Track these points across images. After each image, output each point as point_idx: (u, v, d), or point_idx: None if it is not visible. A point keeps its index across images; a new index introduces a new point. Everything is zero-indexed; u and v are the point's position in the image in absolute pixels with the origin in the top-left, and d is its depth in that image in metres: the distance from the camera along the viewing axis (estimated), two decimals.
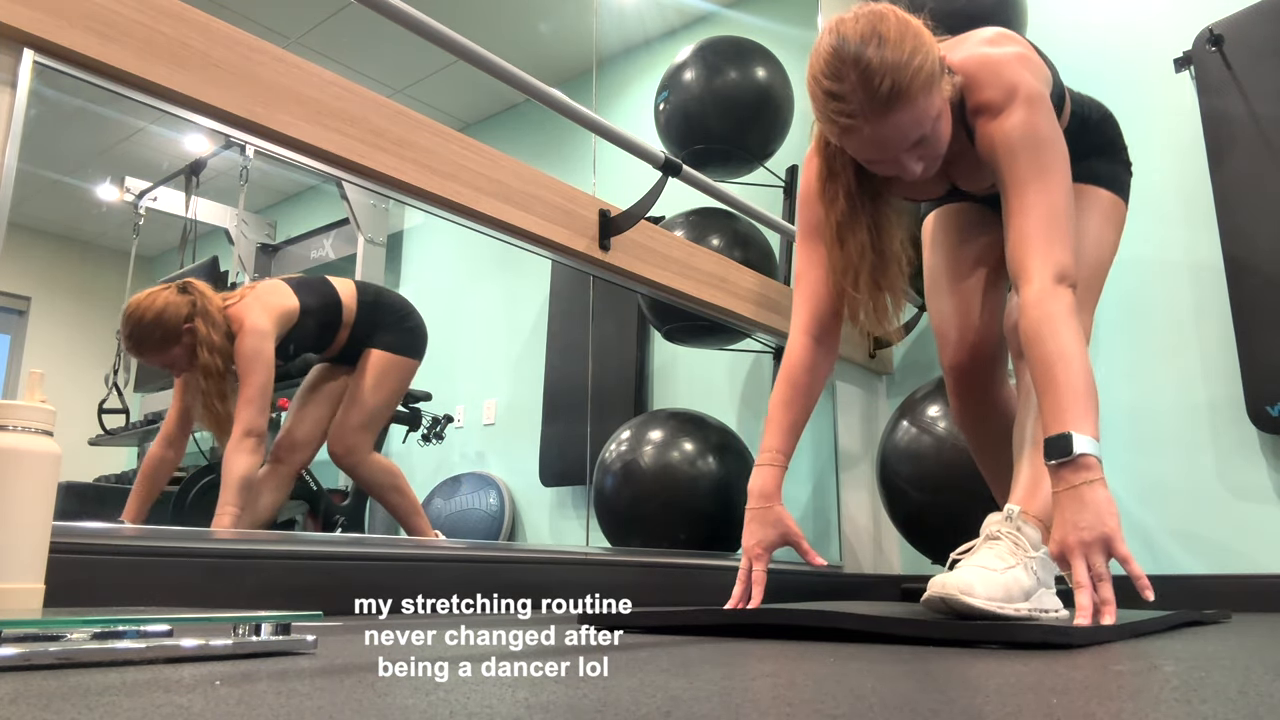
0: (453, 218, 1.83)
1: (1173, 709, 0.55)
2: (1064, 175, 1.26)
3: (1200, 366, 2.54)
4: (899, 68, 1.16)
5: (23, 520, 0.86)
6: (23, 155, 1.25)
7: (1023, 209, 1.23)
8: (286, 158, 1.57)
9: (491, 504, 3.97)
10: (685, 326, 2.93)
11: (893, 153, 1.23)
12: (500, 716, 0.52)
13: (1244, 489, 2.42)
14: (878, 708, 0.57)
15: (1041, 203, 1.22)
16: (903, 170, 1.26)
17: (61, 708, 0.51)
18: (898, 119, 1.18)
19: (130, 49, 1.32)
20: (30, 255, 4.89)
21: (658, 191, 2.11)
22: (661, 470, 2.61)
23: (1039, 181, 1.23)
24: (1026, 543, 1.13)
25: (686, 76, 3.04)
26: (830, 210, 1.37)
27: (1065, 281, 1.18)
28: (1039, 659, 0.86)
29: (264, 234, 4.80)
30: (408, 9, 1.54)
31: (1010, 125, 1.26)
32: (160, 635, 0.76)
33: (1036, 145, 1.24)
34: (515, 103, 4.44)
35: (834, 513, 2.95)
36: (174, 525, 2.46)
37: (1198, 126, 2.56)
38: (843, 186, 1.36)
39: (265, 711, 0.52)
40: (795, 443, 1.41)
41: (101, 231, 5.09)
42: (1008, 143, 1.25)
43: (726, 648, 1.02)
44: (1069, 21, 2.99)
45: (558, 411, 3.85)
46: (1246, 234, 2.41)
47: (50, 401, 0.91)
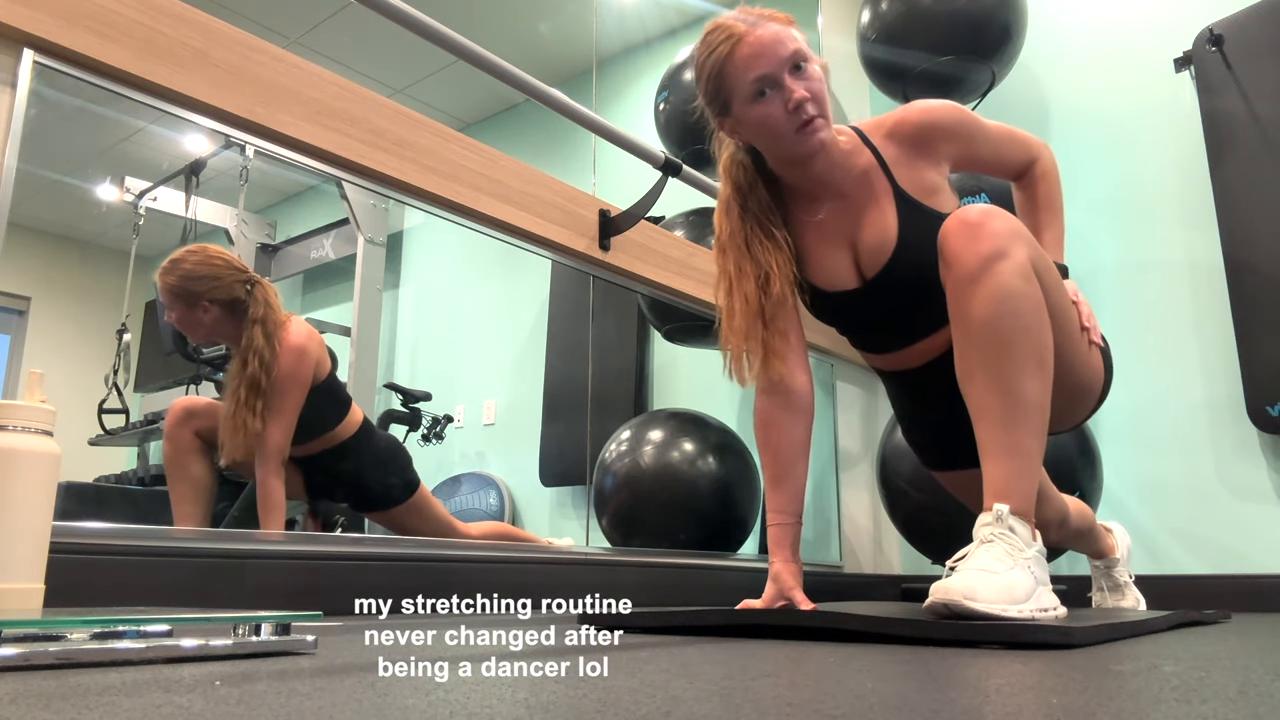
0: (453, 218, 1.83)
1: (1173, 709, 0.55)
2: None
3: (1200, 366, 2.54)
4: (772, 12, 1.34)
5: (23, 520, 0.86)
6: (23, 155, 1.25)
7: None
8: (286, 158, 1.57)
9: (491, 504, 3.98)
10: (685, 326, 2.93)
11: (775, 62, 1.29)
12: (500, 716, 0.52)
13: (1244, 489, 2.42)
14: (878, 708, 0.57)
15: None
16: (793, 96, 1.29)
17: (61, 708, 0.51)
18: (772, 27, 1.30)
19: (130, 49, 1.32)
20: (30, 255, 4.89)
21: (658, 191, 2.11)
22: (661, 470, 2.61)
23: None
24: (1020, 541, 1.13)
25: (686, 76, 3.04)
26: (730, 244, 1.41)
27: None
28: (1039, 659, 0.86)
29: (264, 234, 4.80)
30: (408, 9, 1.54)
31: (943, 107, 1.42)
32: (160, 635, 0.76)
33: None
34: (515, 103, 4.44)
35: (834, 513, 2.95)
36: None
37: (1198, 126, 2.56)
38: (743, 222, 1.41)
39: (265, 711, 0.52)
40: (791, 498, 1.39)
41: (101, 231, 5.10)
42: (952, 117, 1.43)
43: (726, 648, 1.02)
44: (1069, 21, 2.99)
45: (558, 411, 3.85)
46: (1246, 234, 2.41)
47: (50, 401, 0.91)
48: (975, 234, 1.20)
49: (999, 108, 2.91)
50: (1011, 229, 1.22)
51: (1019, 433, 1.18)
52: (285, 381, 2.08)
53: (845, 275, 1.42)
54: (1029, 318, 1.19)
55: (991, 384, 1.19)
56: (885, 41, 2.80)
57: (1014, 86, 2.94)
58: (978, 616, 1.03)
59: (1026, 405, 1.19)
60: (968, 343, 1.22)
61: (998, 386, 1.18)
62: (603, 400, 3.52)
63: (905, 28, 2.76)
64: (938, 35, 2.69)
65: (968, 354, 1.22)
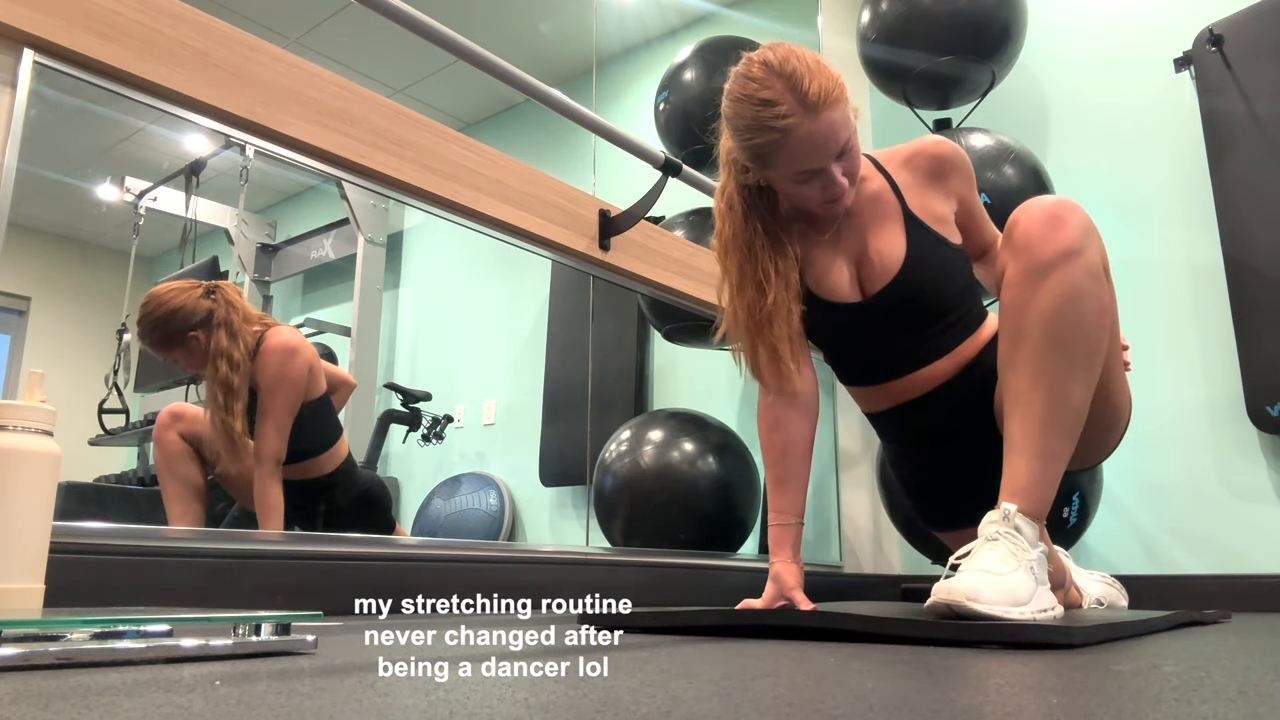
0: (453, 218, 1.83)
1: (1173, 709, 0.55)
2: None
3: (1200, 367, 2.54)
4: (820, 71, 1.24)
5: (23, 520, 0.86)
6: (23, 155, 1.25)
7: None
8: (286, 158, 1.57)
9: (491, 504, 3.97)
10: (685, 326, 2.93)
11: (826, 155, 1.26)
12: (500, 716, 0.52)
13: (1244, 489, 2.42)
14: (878, 708, 0.57)
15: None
16: (833, 185, 1.29)
17: (61, 708, 0.51)
18: (829, 116, 1.23)
19: (130, 49, 1.32)
20: (30, 255, 4.89)
21: (658, 191, 2.11)
22: (661, 470, 2.61)
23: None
24: (1025, 541, 1.12)
25: (686, 76, 3.04)
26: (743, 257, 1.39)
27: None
28: (1039, 659, 0.86)
29: (264, 234, 4.80)
30: (408, 9, 1.54)
31: (944, 146, 1.43)
32: (160, 635, 0.76)
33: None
34: (515, 103, 4.44)
35: (834, 513, 2.95)
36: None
37: (1198, 126, 2.56)
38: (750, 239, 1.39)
39: (265, 711, 0.52)
40: (794, 499, 1.39)
41: (101, 231, 5.09)
42: (953, 156, 1.43)
43: (726, 648, 1.02)
44: (1069, 21, 2.99)
45: (558, 411, 3.85)
46: (1246, 234, 2.41)
47: (50, 401, 0.91)
48: (1055, 224, 1.18)
49: (999, 108, 2.91)
50: (1089, 225, 1.20)
51: (1055, 435, 1.17)
52: (274, 380, 2.08)
53: (845, 289, 1.41)
54: (1090, 321, 1.17)
55: (1039, 380, 1.17)
56: (885, 41, 2.80)
57: (1014, 86, 2.94)
58: (980, 618, 1.03)
59: (1069, 408, 1.17)
60: (1021, 333, 1.19)
61: (1044, 383, 1.17)
62: (603, 400, 3.52)
63: (905, 28, 2.76)
64: (938, 35, 2.68)
65: (1019, 344, 1.19)
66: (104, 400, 3.45)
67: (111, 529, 1.42)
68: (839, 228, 1.42)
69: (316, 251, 4.63)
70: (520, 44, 4.18)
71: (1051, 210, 1.20)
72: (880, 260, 1.38)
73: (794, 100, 1.22)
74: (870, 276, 1.39)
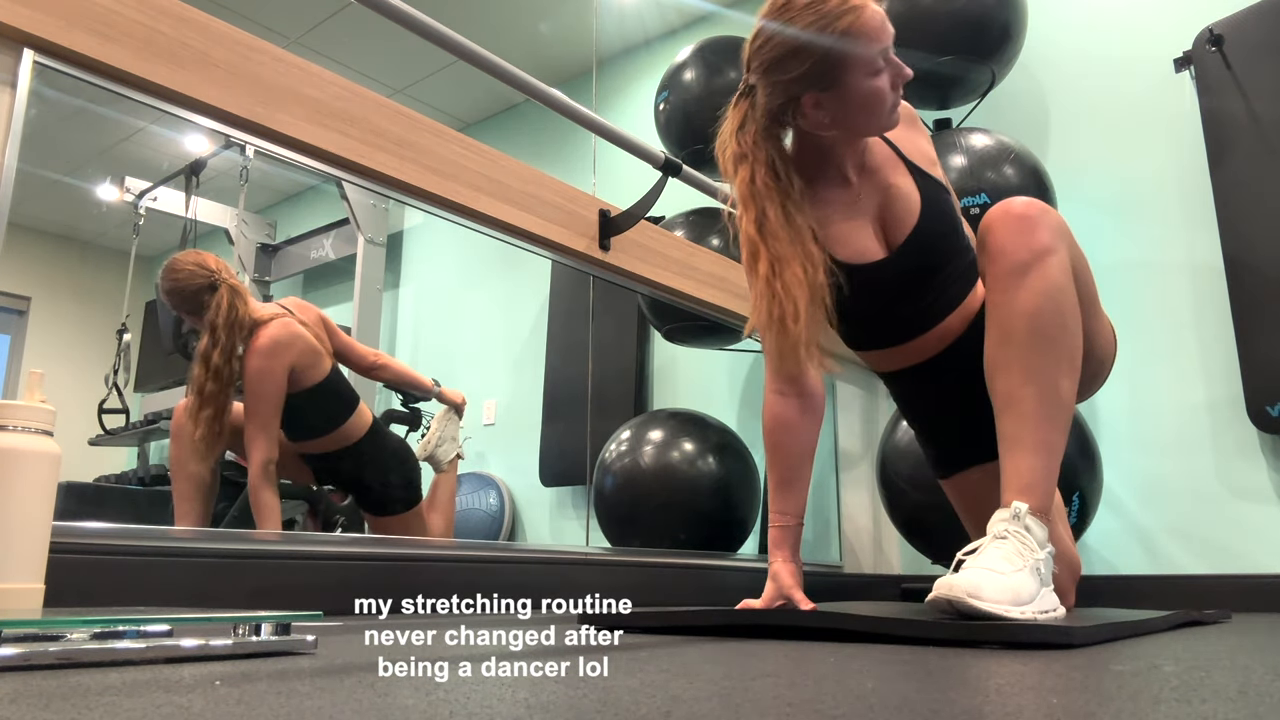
0: (453, 218, 1.83)
1: (1173, 709, 0.55)
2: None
3: (1200, 367, 2.54)
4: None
5: (23, 520, 0.86)
6: (23, 155, 1.24)
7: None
8: (286, 158, 1.57)
9: (491, 504, 3.97)
10: (685, 326, 2.93)
11: (889, 35, 1.30)
12: (500, 716, 0.52)
13: (1244, 489, 2.42)
14: (878, 708, 0.57)
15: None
16: (901, 69, 1.31)
17: (61, 708, 0.51)
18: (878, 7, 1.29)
19: (130, 49, 1.32)
20: (30, 255, 4.89)
21: (658, 191, 2.11)
22: (661, 470, 2.61)
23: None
24: (1034, 541, 1.12)
25: (686, 76, 3.04)
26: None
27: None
28: (1039, 659, 0.86)
29: (264, 234, 4.81)
30: (408, 9, 1.54)
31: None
32: (160, 635, 0.76)
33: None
34: (515, 103, 4.45)
35: (834, 513, 2.95)
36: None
37: (1198, 126, 2.56)
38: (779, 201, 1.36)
39: (265, 711, 0.52)
40: (796, 499, 1.38)
41: (101, 231, 5.10)
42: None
43: (726, 648, 1.02)
44: (1069, 21, 2.99)
45: (558, 411, 3.85)
46: (1246, 234, 2.41)
47: (50, 401, 0.91)
48: (1026, 227, 1.22)
49: (999, 108, 2.91)
50: (1059, 225, 1.24)
51: (1050, 429, 1.19)
52: (253, 382, 2.08)
53: (872, 246, 1.41)
54: (1069, 316, 1.21)
55: (1029, 377, 1.19)
56: None
57: (1014, 86, 2.94)
58: (980, 615, 1.03)
59: (1060, 402, 1.20)
60: (1006, 335, 1.22)
61: (1035, 380, 1.19)
62: (603, 400, 3.52)
63: (905, 28, 2.75)
64: (938, 35, 2.68)
65: (1005, 346, 1.22)
66: (104, 400, 3.45)
67: (111, 529, 1.42)
68: (862, 185, 1.42)
69: (316, 251, 4.64)
70: (520, 44, 4.18)
71: (1018, 212, 1.23)
72: (901, 210, 1.41)
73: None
74: (894, 227, 1.41)
